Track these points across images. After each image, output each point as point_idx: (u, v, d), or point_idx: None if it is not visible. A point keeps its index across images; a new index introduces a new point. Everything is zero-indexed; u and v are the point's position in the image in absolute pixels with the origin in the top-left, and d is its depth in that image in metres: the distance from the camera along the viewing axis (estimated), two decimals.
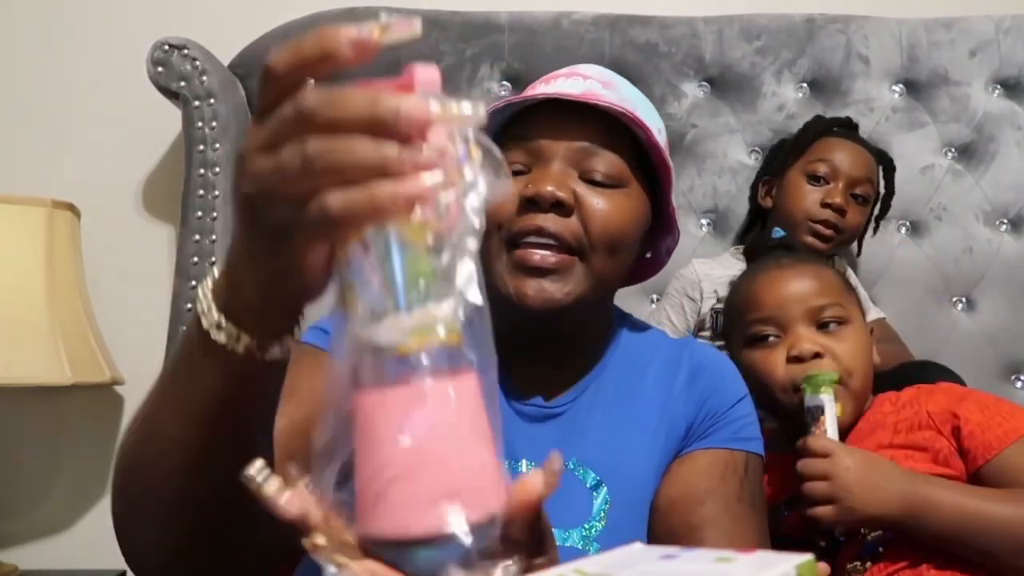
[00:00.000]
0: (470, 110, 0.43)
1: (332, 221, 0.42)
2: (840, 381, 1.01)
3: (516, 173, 0.85)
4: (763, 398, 1.04)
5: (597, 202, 0.84)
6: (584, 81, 0.90)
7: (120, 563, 1.83)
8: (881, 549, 0.97)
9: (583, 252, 0.83)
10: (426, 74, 0.44)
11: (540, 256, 0.81)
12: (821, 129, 1.52)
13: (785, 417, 1.06)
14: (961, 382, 1.24)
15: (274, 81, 0.44)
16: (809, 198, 1.45)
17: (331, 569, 0.44)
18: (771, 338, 1.07)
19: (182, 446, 0.58)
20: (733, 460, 0.87)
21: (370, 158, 0.41)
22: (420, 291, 0.43)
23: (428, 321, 0.43)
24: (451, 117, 0.42)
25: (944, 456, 0.98)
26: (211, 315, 0.52)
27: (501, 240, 0.83)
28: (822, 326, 1.06)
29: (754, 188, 1.59)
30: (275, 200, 0.45)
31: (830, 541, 1.00)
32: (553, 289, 0.82)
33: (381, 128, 0.42)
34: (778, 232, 1.25)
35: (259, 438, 0.60)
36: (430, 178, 0.42)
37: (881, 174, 1.53)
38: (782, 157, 1.53)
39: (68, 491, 1.73)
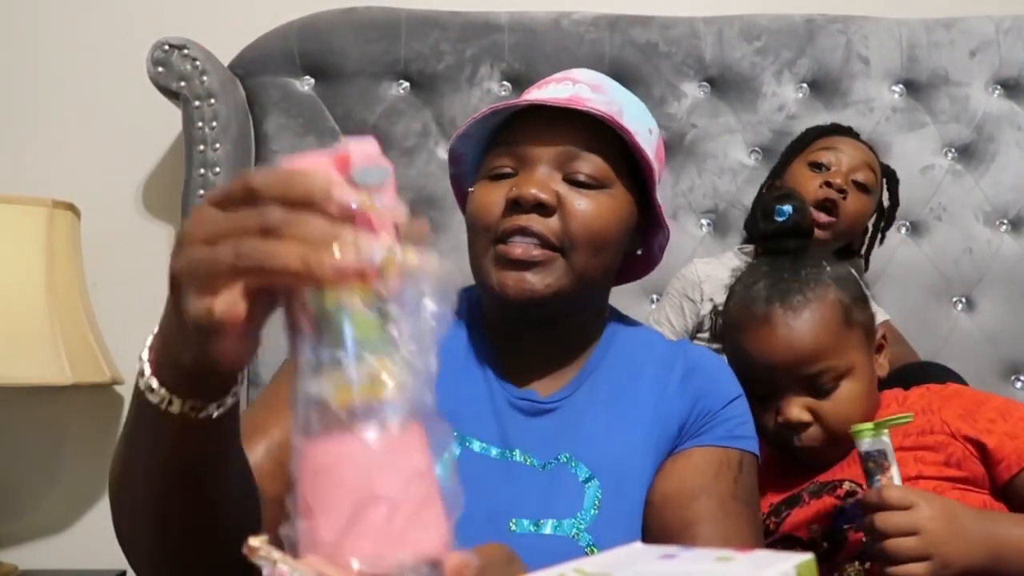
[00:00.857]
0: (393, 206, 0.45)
1: (230, 322, 0.44)
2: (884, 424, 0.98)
3: (504, 176, 0.89)
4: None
5: (579, 203, 0.87)
6: (573, 86, 0.93)
7: (120, 563, 1.83)
8: None
9: (564, 249, 0.86)
10: (361, 150, 0.45)
11: (522, 249, 0.85)
12: (823, 130, 1.53)
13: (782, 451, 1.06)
14: (963, 383, 1.24)
15: (248, 193, 0.45)
16: (810, 184, 1.44)
17: (267, 570, 0.44)
18: (765, 396, 1.04)
19: (143, 494, 0.61)
20: (727, 458, 0.89)
21: (294, 263, 0.42)
22: (361, 345, 0.44)
23: (371, 374, 0.44)
24: (375, 210, 0.44)
25: (957, 459, 0.98)
26: (146, 378, 0.54)
27: (488, 239, 0.88)
28: (815, 389, 1.02)
29: (760, 190, 1.58)
30: (194, 287, 0.46)
31: (834, 543, 1.00)
32: (533, 280, 0.85)
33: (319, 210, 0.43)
34: (784, 212, 1.10)
35: (217, 492, 0.62)
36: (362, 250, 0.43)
37: (885, 186, 1.53)
38: (783, 158, 1.54)
39: (68, 491, 1.73)
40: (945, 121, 1.69)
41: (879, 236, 1.56)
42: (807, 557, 0.42)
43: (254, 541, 0.45)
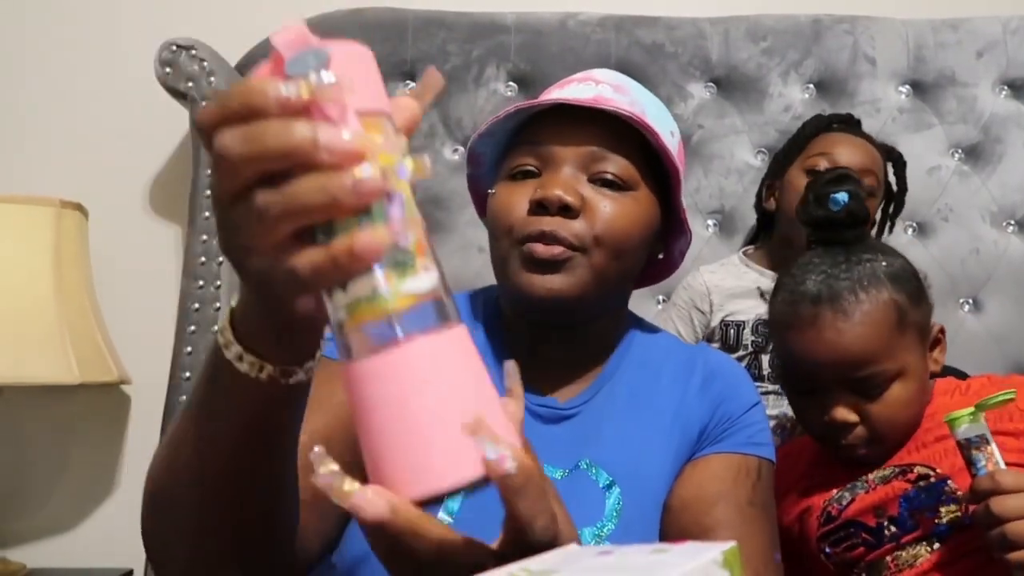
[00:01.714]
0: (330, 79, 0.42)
1: (303, 281, 0.43)
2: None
3: (528, 176, 0.88)
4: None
5: (604, 205, 0.86)
6: (596, 86, 0.92)
7: (127, 562, 1.83)
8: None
9: (587, 251, 0.85)
10: (284, 38, 0.43)
11: (547, 249, 0.83)
12: (819, 125, 1.50)
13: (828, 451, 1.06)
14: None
15: (204, 135, 0.44)
16: None
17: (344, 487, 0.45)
18: (810, 392, 1.03)
19: (211, 475, 0.59)
20: (746, 464, 0.88)
21: (319, 196, 0.42)
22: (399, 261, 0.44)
23: (406, 286, 0.44)
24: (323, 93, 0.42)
25: None
26: (233, 348, 0.53)
27: (512, 240, 0.86)
28: (863, 392, 0.99)
29: (759, 192, 1.58)
30: (247, 253, 0.45)
31: (901, 527, 0.99)
32: (557, 281, 0.84)
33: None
34: (838, 201, 1.04)
35: (285, 464, 0.61)
36: (372, 181, 0.42)
37: (891, 170, 1.51)
38: (782, 157, 1.51)
39: (75, 490, 1.74)
40: (952, 122, 1.69)
41: (889, 224, 1.53)
42: (731, 545, 0.43)
43: (322, 469, 0.46)
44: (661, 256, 0.97)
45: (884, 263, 1.02)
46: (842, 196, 1.04)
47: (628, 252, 0.88)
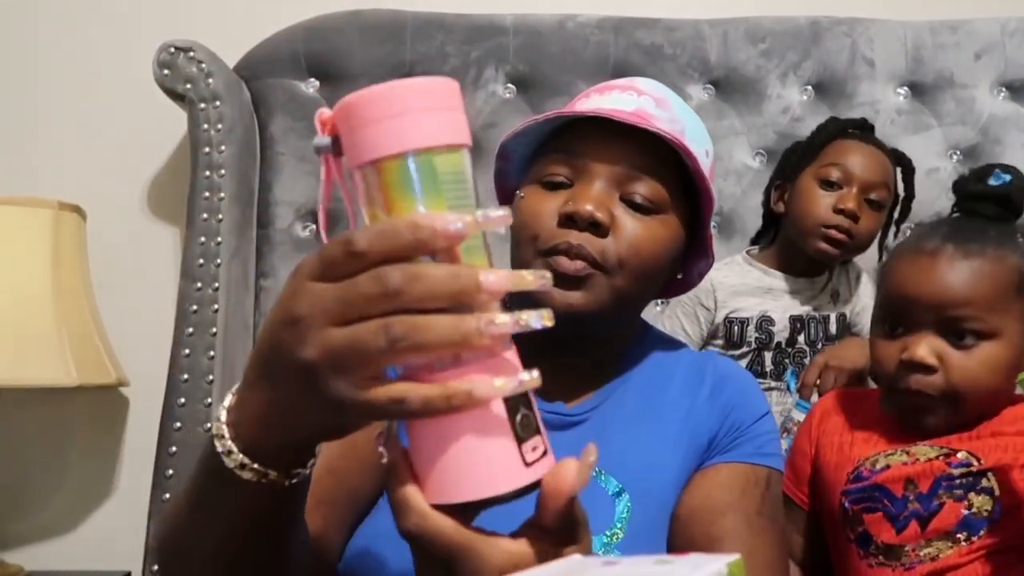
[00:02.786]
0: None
1: (409, 414, 0.47)
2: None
3: (559, 186, 0.86)
4: (874, 374, 1.03)
5: (632, 226, 0.85)
6: (638, 97, 0.90)
7: (125, 564, 1.83)
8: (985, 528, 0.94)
9: (609, 272, 0.84)
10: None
11: (569, 263, 0.82)
12: (834, 132, 1.47)
13: (887, 400, 1.04)
14: None
15: (356, 258, 0.46)
16: (821, 203, 1.39)
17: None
18: (896, 328, 1.01)
19: (214, 561, 0.61)
20: (755, 475, 0.88)
21: (452, 337, 0.45)
22: None
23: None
24: (521, 283, 0.47)
25: None
26: (235, 457, 0.54)
27: (536, 251, 0.85)
28: (955, 334, 0.97)
29: (767, 192, 1.55)
30: (343, 373, 0.46)
31: (927, 509, 0.98)
32: (577, 297, 0.83)
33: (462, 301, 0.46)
34: (1001, 177, 1.03)
35: (288, 540, 0.63)
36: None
37: (899, 176, 1.48)
38: (795, 160, 1.48)
39: (74, 492, 1.73)
40: (951, 123, 1.69)
41: (894, 230, 1.51)
42: (736, 557, 0.44)
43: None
44: (680, 276, 0.96)
45: (1022, 239, 1.01)
46: (1008, 177, 1.03)
47: (650, 276, 0.87)
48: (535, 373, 0.49)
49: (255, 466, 0.53)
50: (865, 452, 1.04)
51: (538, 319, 0.47)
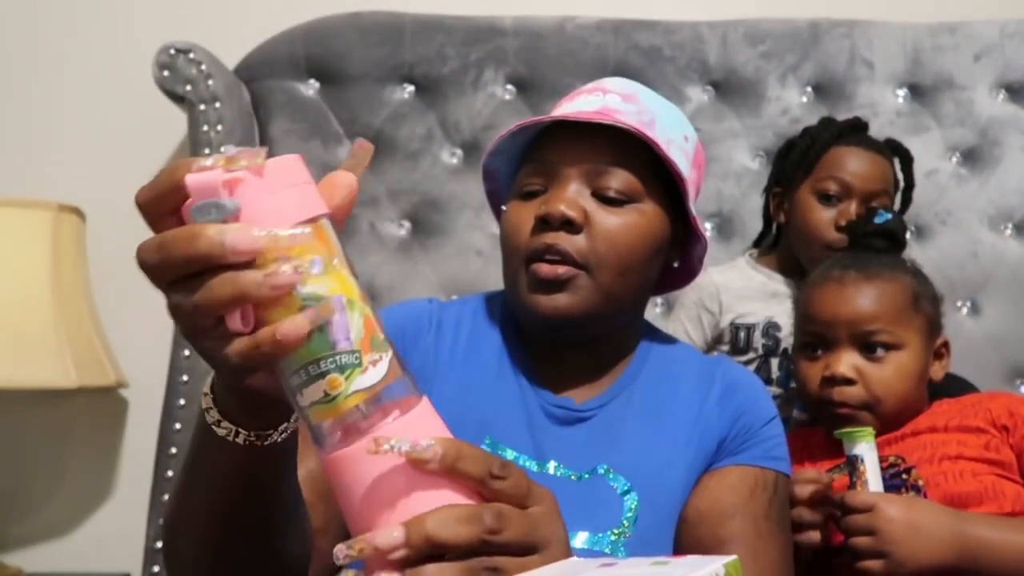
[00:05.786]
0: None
1: (234, 365, 0.49)
2: (874, 424, 1.06)
3: (534, 194, 0.89)
4: (801, 397, 1.17)
5: (606, 220, 0.86)
6: (603, 96, 0.92)
7: (124, 566, 1.83)
8: None
9: (590, 268, 0.85)
10: (196, 181, 0.49)
11: (549, 269, 0.84)
12: (828, 140, 1.42)
13: (818, 419, 1.17)
14: (976, 391, 1.25)
15: (144, 213, 0.52)
16: (822, 219, 1.36)
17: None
18: (817, 351, 1.13)
19: (207, 522, 0.64)
20: (763, 478, 0.89)
21: (233, 290, 0.48)
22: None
23: (354, 385, 0.49)
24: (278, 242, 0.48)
25: (996, 444, 1.05)
26: (212, 413, 0.58)
27: (520, 259, 0.87)
28: (867, 348, 1.10)
29: (766, 202, 1.52)
30: (189, 339, 0.51)
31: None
32: (562, 300, 0.85)
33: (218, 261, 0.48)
34: (884, 215, 1.23)
35: (279, 506, 0.65)
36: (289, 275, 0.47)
37: (898, 166, 1.45)
38: (791, 171, 1.44)
39: (73, 494, 1.73)
40: (950, 125, 1.69)
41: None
42: (733, 558, 0.44)
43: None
44: (677, 264, 0.97)
45: (910, 264, 1.19)
46: (889, 215, 1.22)
47: (634, 267, 0.88)
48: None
49: (228, 424, 0.58)
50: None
51: (318, 263, 0.48)
